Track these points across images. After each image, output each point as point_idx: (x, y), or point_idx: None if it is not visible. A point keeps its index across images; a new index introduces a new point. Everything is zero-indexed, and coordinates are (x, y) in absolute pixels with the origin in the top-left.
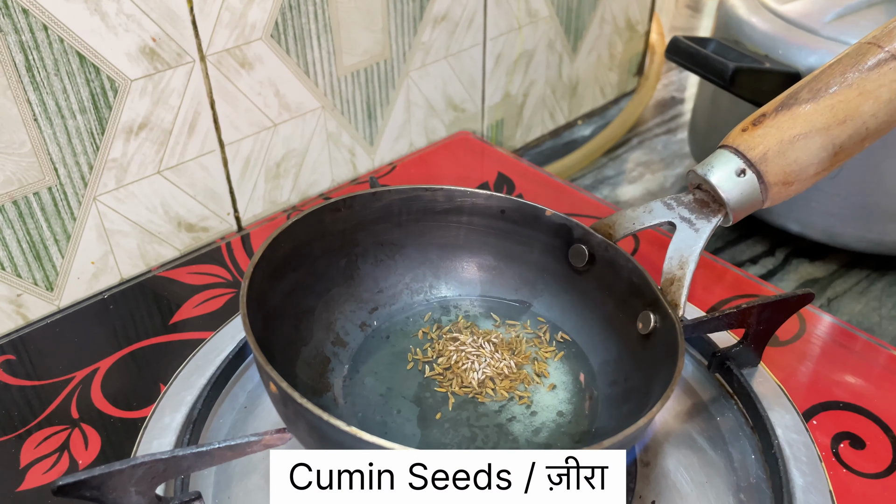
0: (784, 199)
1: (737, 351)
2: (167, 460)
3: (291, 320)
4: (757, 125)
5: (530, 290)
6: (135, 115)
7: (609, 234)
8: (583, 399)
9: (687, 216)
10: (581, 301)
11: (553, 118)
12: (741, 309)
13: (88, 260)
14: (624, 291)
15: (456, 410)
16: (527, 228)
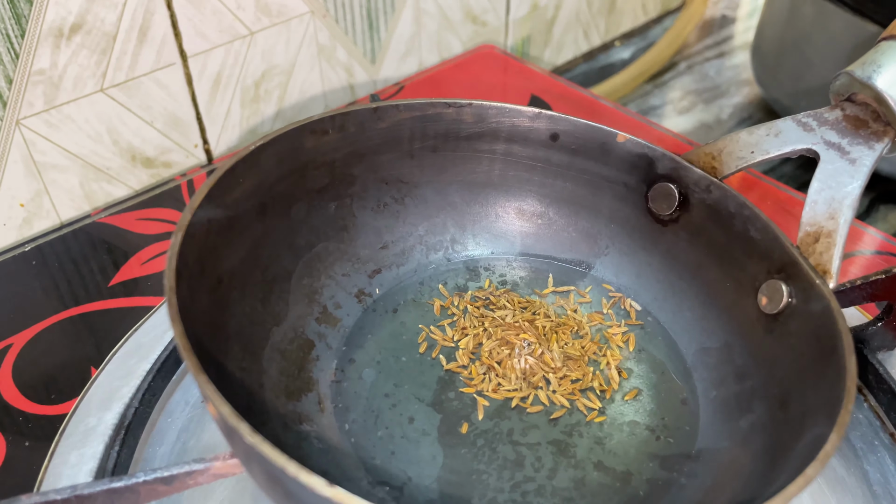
0: None
1: (873, 331)
2: (67, 501)
3: (257, 290)
4: None
5: (591, 247)
6: (64, 13)
7: (712, 168)
8: (675, 405)
9: (836, 141)
10: (666, 263)
11: (587, 38)
12: (892, 274)
13: (16, 201)
14: (736, 250)
15: (493, 419)
16: (589, 161)
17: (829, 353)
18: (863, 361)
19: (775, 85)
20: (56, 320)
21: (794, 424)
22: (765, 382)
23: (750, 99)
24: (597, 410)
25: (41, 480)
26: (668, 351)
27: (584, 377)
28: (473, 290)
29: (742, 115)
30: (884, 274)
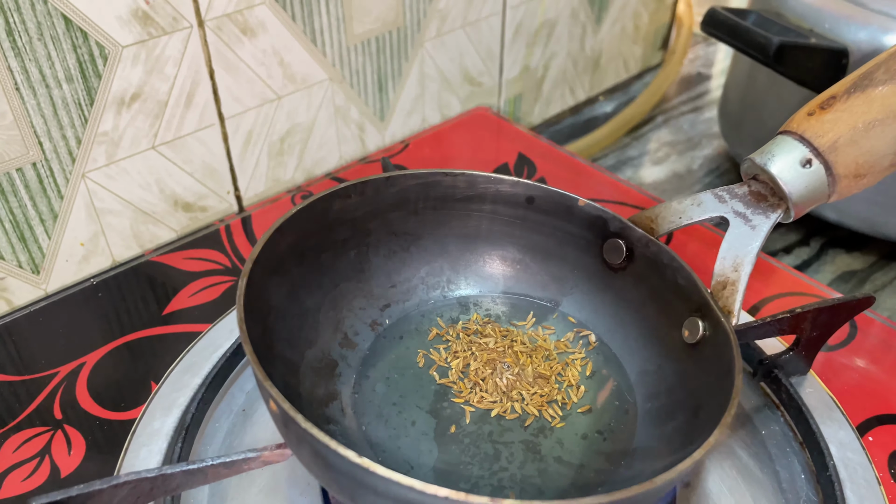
0: (852, 193)
1: (786, 358)
2: (154, 479)
3: (295, 320)
4: (826, 109)
5: (559, 287)
6: (126, 85)
7: (651, 229)
8: (619, 414)
9: (742, 211)
10: (617, 302)
11: (573, 94)
12: (795, 313)
13: (77, 241)
14: (668, 294)
15: (476, 423)
16: (557, 219)
17: (726, 373)
18: (777, 383)
19: (738, 140)
20: (120, 343)
21: (702, 427)
22: (686, 396)
23: (718, 151)
24: (559, 418)
25: (118, 470)
26: (616, 372)
27: (550, 392)
28: (464, 321)
29: (710, 167)
30: (789, 313)
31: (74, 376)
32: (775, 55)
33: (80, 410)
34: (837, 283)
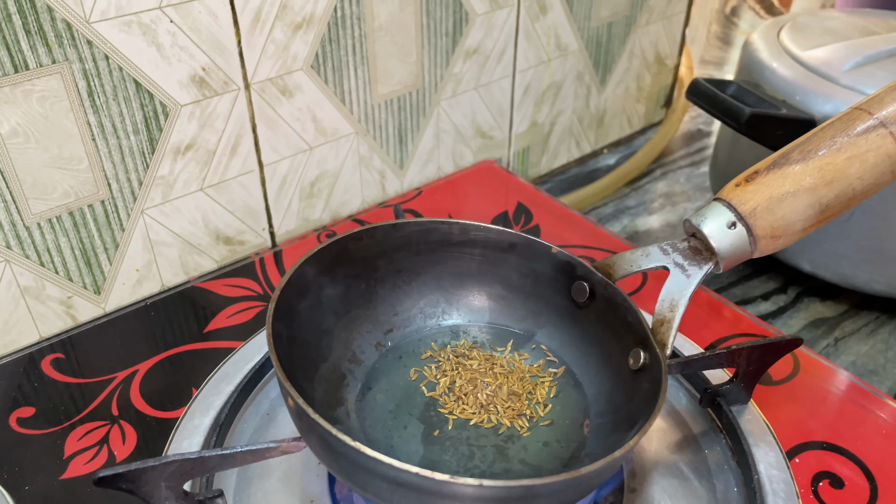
0: (772, 250)
1: (727, 388)
2: (195, 460)
3: (313, 339)
4: (749, 181)
5: (535, 321)
6: (182, 137)
7: (609, 274)
8: (575, 427)
9: (680, 262)
10: (581, 334)
11: (579, 147)
12: (731, 350)
13: (133, 267)
14: (620, 328)
15: (457, 430)
16: (534, 263)
17: (656, 394)
18: (719, 409)
19: None
20: (168, 355)
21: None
22: (628, 413)
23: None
24: (526, 428)
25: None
26: (576, 393)
27: (520, 407)
28: (454, 345)
29: None
30: (726, 349)
31: (129, 381)
32: (747, 124)
33: (132, 409)
34: (809, 329)
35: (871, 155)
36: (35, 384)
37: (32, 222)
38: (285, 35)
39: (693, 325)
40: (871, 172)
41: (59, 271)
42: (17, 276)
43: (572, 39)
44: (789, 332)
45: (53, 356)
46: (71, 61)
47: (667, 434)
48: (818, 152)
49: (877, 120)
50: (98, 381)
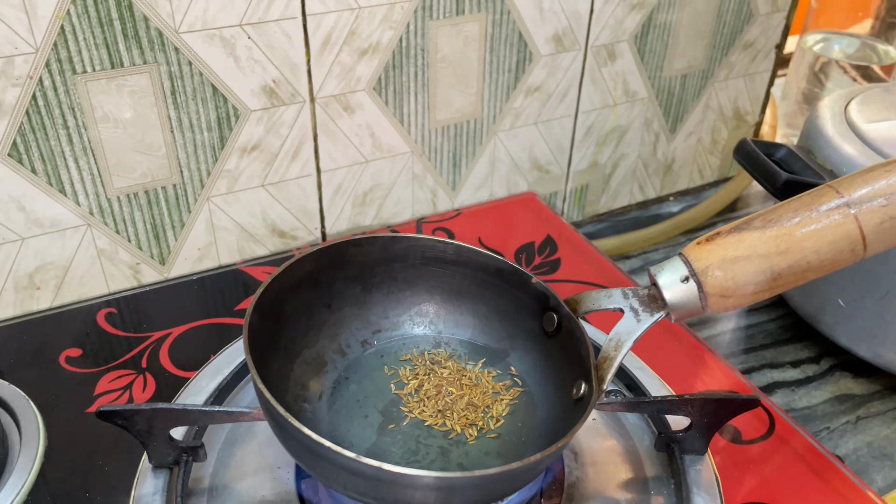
0: (724, 310)
1: (683, 436)
2: (179, 411)
3: (303, 326)
4: (709, 241)
5: (511, 342)
6: (250, 138)
7: (574, 309)
8: (519, 443)
9: (636, 307)
10: (545, 361)
11: (643, 191)
12: (682, 398)
13: (196, 246)
14: (574, 360)
15: (411, 427)
16: (516, 289)
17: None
18: (672, 455)
19: None
20: (200, 323)
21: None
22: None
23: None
24: (474, 437)
25: None
26: (529, 413)
27: (475, 418)
28: (432, 353)
29: None
30: (678, 397)
31: (161, 341)
32: (781, 189)
33: (158, 364)
34: (832, 403)
35: (829, 232)
36: (87, 331)
37: (113, 195)
38: (351, 58)
39: (679, 372)
40: (828, 248)
41: (131, 240)
42: (95, 239)
43: (641, 87)
44: (810, 404)
45: (108, 310)
46: (159, 63)
47: (619, 471)
48: (779, 222)
49: (843, 199)
50: (137, 337)
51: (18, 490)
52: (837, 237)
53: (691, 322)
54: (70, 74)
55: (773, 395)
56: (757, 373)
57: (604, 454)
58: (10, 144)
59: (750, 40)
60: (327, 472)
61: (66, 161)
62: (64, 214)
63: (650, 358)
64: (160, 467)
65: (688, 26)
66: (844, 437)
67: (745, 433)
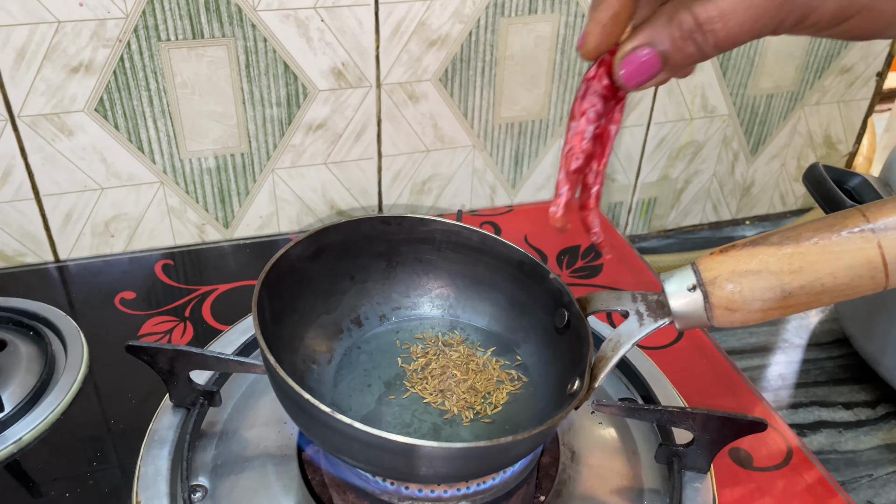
0: (731, 324)
1: (685, 451)
2: (196, 354)
3: (324, 293)
4: (723, 252)
5: (523, 334)
6: (316, 117)
7: (584, 308)
8: (510, 431)
9: (642, 312)
10: (552, 355)
11: (717, 211)
12: (684, 410)
13: (258, 214)
14: (576, 357)
15: (410, 401)
16: (534, 283)
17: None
18: (671, 468)
19: None
20: (243, 284)
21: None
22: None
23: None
24: (468, 420)
25: None
26: (527, 405)
27: (473, 402)
28: (446, 336)
29: None
30: (679, 409)
31: (206, 295)
32: None
33: (199, 315)
34: (881, 450)
35: (848, 256)
36: (143, 277)
37: (185, 157)
38: (420, 48)
39: (702, 392)
40: (845, 273)
41: (199, 201)
42: (167, 196)
43: (722, 103)
44: (857, 448)
45: (165, 262)
46: (237, 38)
47: (615, 477)
48: (796, 240)
49: (869, 225)
50: (185, 288)
51: (55, 407)
52: (856, 262)
53: (736, 348)
54: (155, 41)
55: (816, 435)
56: (804, 409)
57: (603, 458)
58: (97, 100)
59: (847, 65)
60: (306, 425)
61: (146, 121)
62: (140, 170)
63: (674, 374)
64: (179, 406)
65: (777, 44)
66: (887, 487)
67: (757, 459)
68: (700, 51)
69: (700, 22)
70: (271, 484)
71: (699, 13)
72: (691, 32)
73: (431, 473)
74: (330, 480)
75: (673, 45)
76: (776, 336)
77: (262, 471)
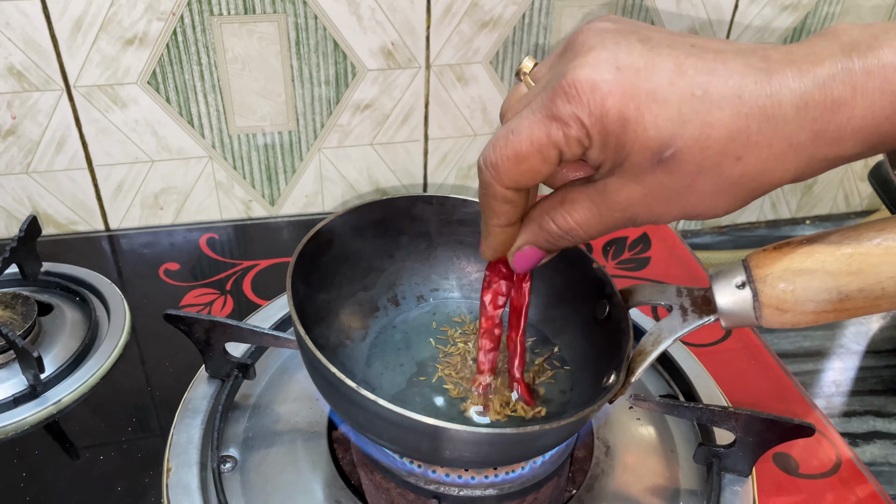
0: (781, 325)
1: (726, 452)
2: (232, 326)
3: (362, 269)
4: (777, 249)
5: (563, 323)
6: (364, 97)
7: (626, 300)
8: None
9: (686, 307)
10: (591, 348)
11: (775, 209)
12: (727, 410)
13: (304, 193)
14: (615, 350)
15: (439, 382)
16: (577, 272)
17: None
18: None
19: None
20: (285, 260)
21: None
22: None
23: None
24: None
25: None
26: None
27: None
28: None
29: None
30: (721, 407)
31: (248, 269)
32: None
33: (240, 289)
34: None
35: None
36: (188, 250)
37: (234, 133)
38: (471, 29)
39: (749, 394)
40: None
41: (245, 178)
42: (215, 171)
43: None
44: None
45: (210, 235)
46: (287, 14)
47: (650, 475)
48: (857, 240)
49: None
50: (228, 262)
51: (95, 371)
52: None
53: (788, 351)
54: (207, 15)
55: (870, 445)
56: (857, 418)
57: (638, 454)
58: (150, 73)
59: None
60: (333, 400)
61: (197, 95)
62: (190, 145)
63: (720, 373)
64: (214, 377)
65: None
66: None
67: (802, 465)
68: (572, 243)
69: (563, 229)
70: (300, 459)
71: (560, 223)
72: (560, 235)
73: (455, 457)
74: (359, 459)
75: (548, 243)
76: (832, 341)
77: (291, 446)
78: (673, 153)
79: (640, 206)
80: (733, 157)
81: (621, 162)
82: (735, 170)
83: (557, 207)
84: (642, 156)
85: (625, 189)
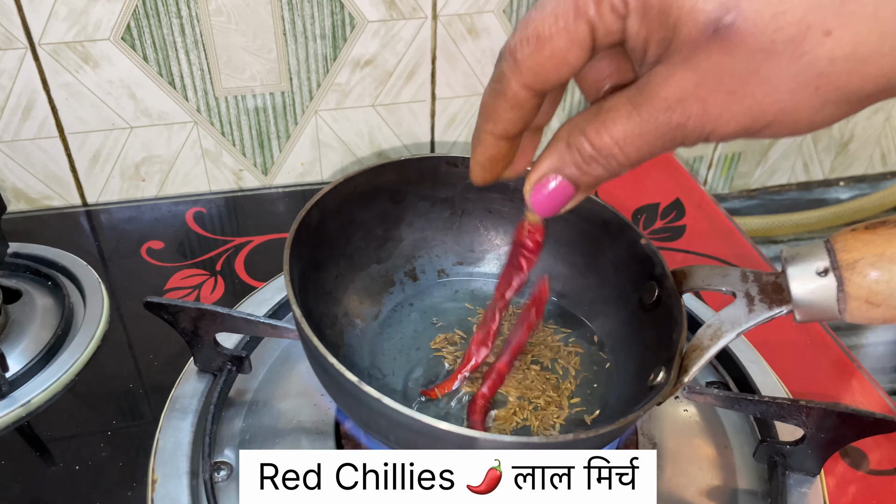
0: (868, 321)
1: (792, 449)
2: (223, 315)
3: (375, 239)
4: (869, 230)
5: (601, 306)
6: (364, 52)
7: (680, 284)
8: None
9: (753, 295)
10: (634, 336)
11: (807, 170)
12: (797, 403)
13: (300, 161)
14: (664, 342)
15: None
16: (620, 248)
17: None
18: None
19: None
20: (277, 237)
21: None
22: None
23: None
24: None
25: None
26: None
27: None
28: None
29: None
30: (790, 401)
31: (240, 248)
32: None
33: (231, 270)
34: None
35: None
36: (174, 226)
37: (221, 95)
38: None
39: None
40: None
41: (235, 144)
42: (201, 138)
43: None
44: None
45: (197, 209)
46: None
47: (704, 475)
48: None
49: None
50: (217, 239)
51: (68, 367)
52: None
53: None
54: None
55: None
56: None
57: (690, 452)
58: (123, 27)
59: None
60: (333, 392)
61: (178, 52)
62: (172, 108)
63: (773, 356)
64: (204, 372)
65: None
66: None
67: (873, 461)
68: (608, 171)
69: (597, 148)
70: None
71: (594, 140)
72: (593, 157)
73: None
74: None
75: (578, 169)
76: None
77: (295, 447)
78: (734, 21)
79: (693, 101)
80: (819, 32)
81: (669, 39)
82: (822, 50)
83: (591, 120)
84: (693, 26)
85: (673, 77)
